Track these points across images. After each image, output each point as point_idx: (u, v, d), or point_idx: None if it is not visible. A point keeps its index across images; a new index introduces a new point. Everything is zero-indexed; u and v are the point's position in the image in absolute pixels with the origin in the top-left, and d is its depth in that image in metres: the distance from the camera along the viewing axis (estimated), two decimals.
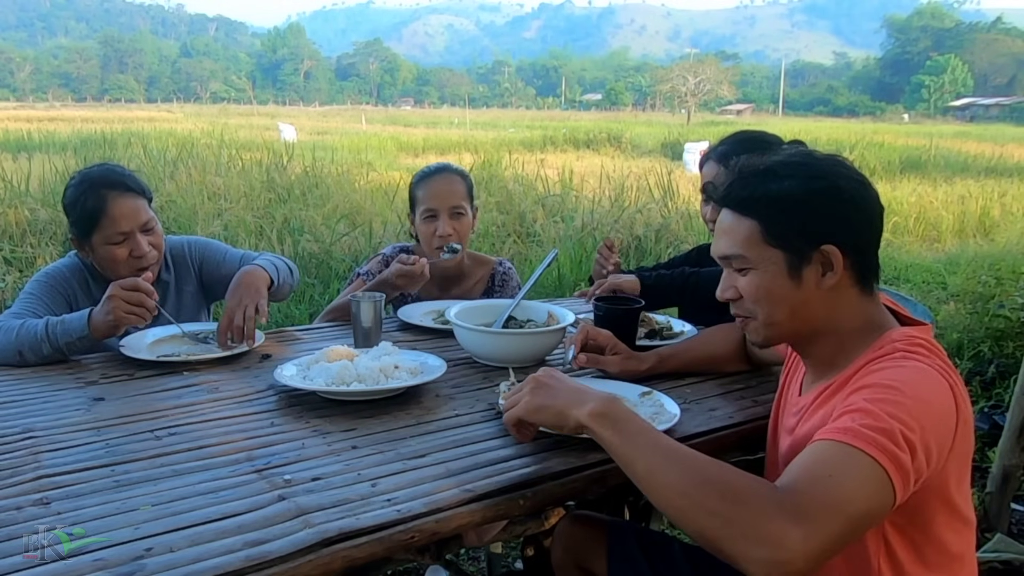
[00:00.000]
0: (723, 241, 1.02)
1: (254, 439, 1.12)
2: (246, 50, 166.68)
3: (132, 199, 1.66)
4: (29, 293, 1.65)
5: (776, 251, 0.98)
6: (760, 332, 1.04)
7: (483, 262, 2.11)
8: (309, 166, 8.84)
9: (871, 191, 0.99)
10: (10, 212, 5.47)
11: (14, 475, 0.99)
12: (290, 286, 1.83)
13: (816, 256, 0.96)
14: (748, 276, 1.01)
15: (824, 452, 0.84)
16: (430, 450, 1.08)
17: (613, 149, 17.63)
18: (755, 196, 0.98)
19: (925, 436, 0.84)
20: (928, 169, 13.14)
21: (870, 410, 0.84)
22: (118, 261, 1.65)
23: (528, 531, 1.29)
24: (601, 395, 0.98)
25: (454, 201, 1.94)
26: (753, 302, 1.01)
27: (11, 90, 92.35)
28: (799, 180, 0.97)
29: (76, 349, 1.49)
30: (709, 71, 66.72)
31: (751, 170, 1.00)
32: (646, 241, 6.11)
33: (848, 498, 0.79)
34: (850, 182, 0.97)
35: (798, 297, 0.98)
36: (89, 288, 1.72)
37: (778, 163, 1.00)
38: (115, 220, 1.63)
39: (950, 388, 0.90)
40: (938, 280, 5.83)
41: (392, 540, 0.87)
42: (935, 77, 77.30)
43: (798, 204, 0.96)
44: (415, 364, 1.38)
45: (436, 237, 1.93)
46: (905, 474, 0.82)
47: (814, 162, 0.99)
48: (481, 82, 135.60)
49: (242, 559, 0.79)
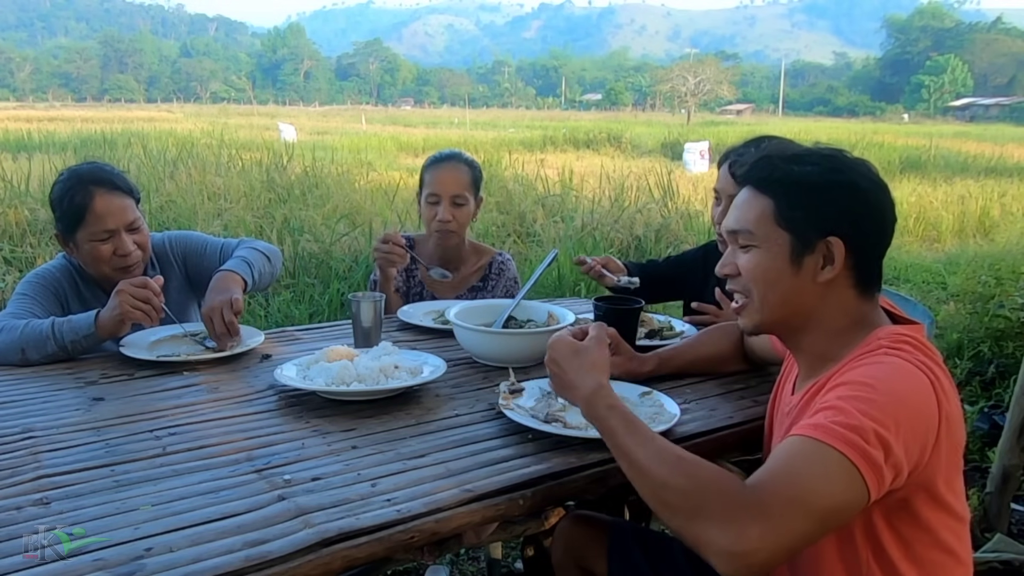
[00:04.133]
0: (734, 215, 1.04)
1: (254, 439, 1.12)
2: (246, 50, 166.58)
3: (118, 197, 1.66)
4: (22, 294, 1.64)
5: (784, 233, 0.99)
6: (752, 316, 1.05)
7: (482, 251, 2.17)
8: (309, 166, 8.84)
9: (888, 199, 1.01)
10: (10, 212, 5.46)
11: (14, 475, 0.99)
12: (271, 274, 1.83)
13: (820, 246, 0.97)
14: (750, 253, 1.02)
15: (792, 448, 0.86)
16: (430, 450, 1.08)
17: (613, 149, 17.62)
18: (776, 176, 1.00)
19: (901, 433, 0.84)
20: (928, 169, 13.14)
21: (842, 407, 0.85)
22: (102, 259, 1.65)
23: (528, 531, 1.29)
24: (589, 386, 1.03)
25: (457, 190, 2.02)
26: (750, 280, 1.03)
27: (11, 90, 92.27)
28: (822, 169, 0.99)
29: (81, 348, 1.49)
30: (709, 71, 66.68)
31: (778, 153, 1.03)
32: (646, 241, 6.12)
33: (811, 493, 0.81)
34: (870, 184, 0.99)
35: (794, 284, 0.99)
36: (78, 289, 1.72)
37: (806, 151, 1.03)
38: (100, 217, 1.62)
39: (931, 384, 0.89)
40: (938, 280, 5.83)
41: (392, 540, 0.87)
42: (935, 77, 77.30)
43: (815, 190, 0.98)
44: (415, 364, 1.38)
45: (436, 221, 2.02)
46: (878, 470, 0.82)
47: (841, 157, 1.01)
48: (481, 82, 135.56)
49: (242, 559, 0.79)
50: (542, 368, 1.50)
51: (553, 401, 1.26)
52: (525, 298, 1.69)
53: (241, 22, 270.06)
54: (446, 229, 2.02)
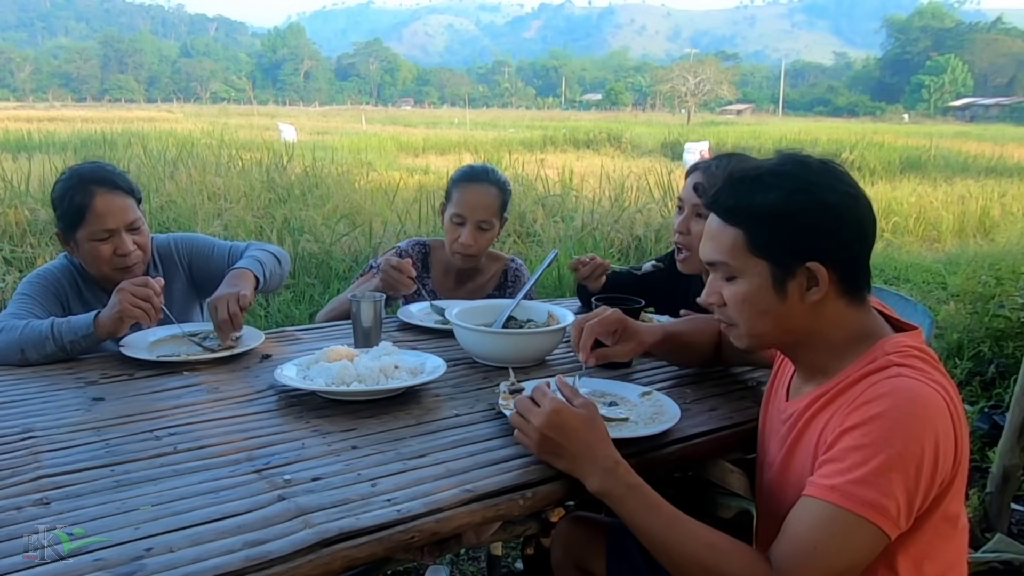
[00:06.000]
0: (709, 246, 1.01)
1: (254, 439, 1.11)
2: (246, 50, 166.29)
3: (120, 197, 1.66)
4: (23, 294, 1.64)
5: (760, 261, 0.96)
6: (742, 340, 1.03)
7: (496, 259, 2.15)
8: (309, 166, 8.86)
9: (862, 203, 0.96)
10: (10, 212, 5.45)
11: (14, 475, 0.98)
12: (280, 276, 1.84)
13: (801, 271, 0.94)
14: (734, 284, 0.99)
15: (811, 516, 0.86)
16: (430, 450, 1.08)
17: (613, 149, 17.64)
18: (740, 206, 0.96)
19: (923, 474, 0.84)
20: (928, 169, 13.15)
21: (859, 461, 0.84)
22: (102, 258, 1.65)
23: (528, 531, 1.29)
24: (602, 465, 0.97)
25: (484, 215, 1.97)
26: (736, 311, 1.00)
27: (11, 90, 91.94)
28: (784, 192, 0.94)
29: (80, 348, 1.49)
30: (709, 71, 66.65)
31: (740, 176, 0.98)
32: (646, 241, 6.11)
33: (834, 561, 0.84)
34: (839, 196, 0.94)
35: (782, 310, 0.97)
36: (79, 289, 1.72)
37: (767, 171, 0.97)
38: (101, 216, 1.63)
39: (947, 408, 0.87)
40: (938, 280, 5.82)
41: (392, 540, 0.87)
42: (935, 77, 77.21)
43: (781, 218, 0.94)
44: (415, 364, 1.38)
45: (458, 243, 1.97)
46: (896, 519, 0.84)
47: (803, 173, 0.95)
48: (481, 82, 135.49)
49: (242, 559, 0.79)
50: (542, 368, 1.51)
51: None
52: (525, 298, 1.70)
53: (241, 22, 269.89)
54: (467, 253, 1.97)
